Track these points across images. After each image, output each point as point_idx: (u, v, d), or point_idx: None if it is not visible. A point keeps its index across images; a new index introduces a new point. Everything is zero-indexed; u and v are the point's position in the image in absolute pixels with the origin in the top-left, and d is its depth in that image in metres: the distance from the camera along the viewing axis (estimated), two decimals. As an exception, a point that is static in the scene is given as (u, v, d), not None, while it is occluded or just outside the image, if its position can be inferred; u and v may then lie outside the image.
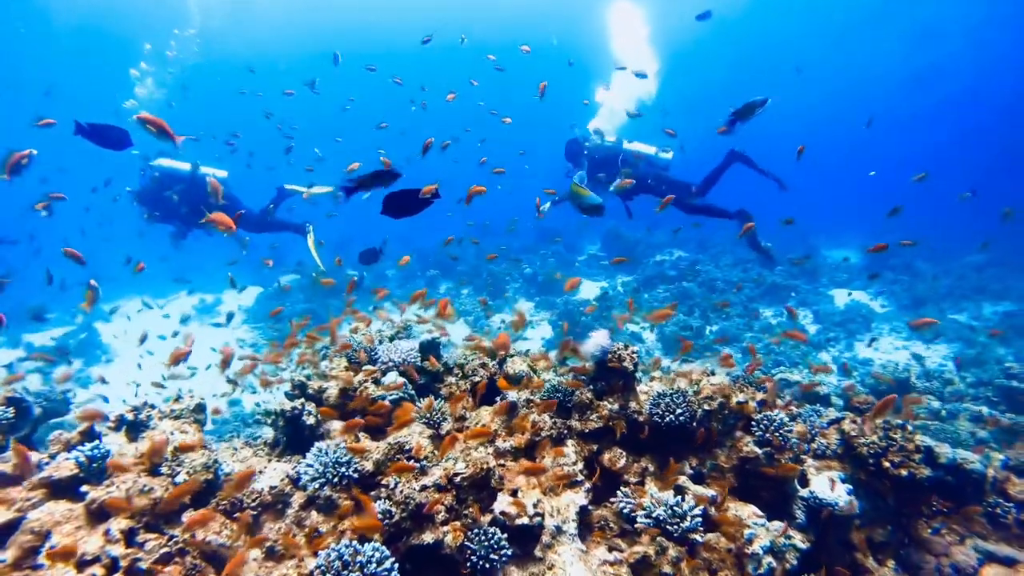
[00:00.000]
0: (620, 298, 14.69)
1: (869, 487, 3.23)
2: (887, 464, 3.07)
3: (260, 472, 3.16)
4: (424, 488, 2.62)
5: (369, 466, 2.99)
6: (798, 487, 3.18)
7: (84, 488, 2.69)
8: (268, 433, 4.70)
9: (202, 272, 18.05)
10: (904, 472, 3.00)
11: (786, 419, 3.17)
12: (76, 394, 9.90)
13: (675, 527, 2.72)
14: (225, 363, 4.25)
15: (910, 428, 3.21)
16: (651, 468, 3.34)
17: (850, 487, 3.12)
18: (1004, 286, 13.84)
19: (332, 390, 4.02)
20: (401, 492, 2.58)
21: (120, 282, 16.76)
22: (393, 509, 2.54)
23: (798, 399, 5.48)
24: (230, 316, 8.99)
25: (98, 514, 2.63)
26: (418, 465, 2.76)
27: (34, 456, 3.09)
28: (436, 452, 2.91)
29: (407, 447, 2.92)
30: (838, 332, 12.39)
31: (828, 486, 3.10)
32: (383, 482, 2.73)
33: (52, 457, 2.94)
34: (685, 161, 7.72)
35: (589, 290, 15.92)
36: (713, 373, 3.65)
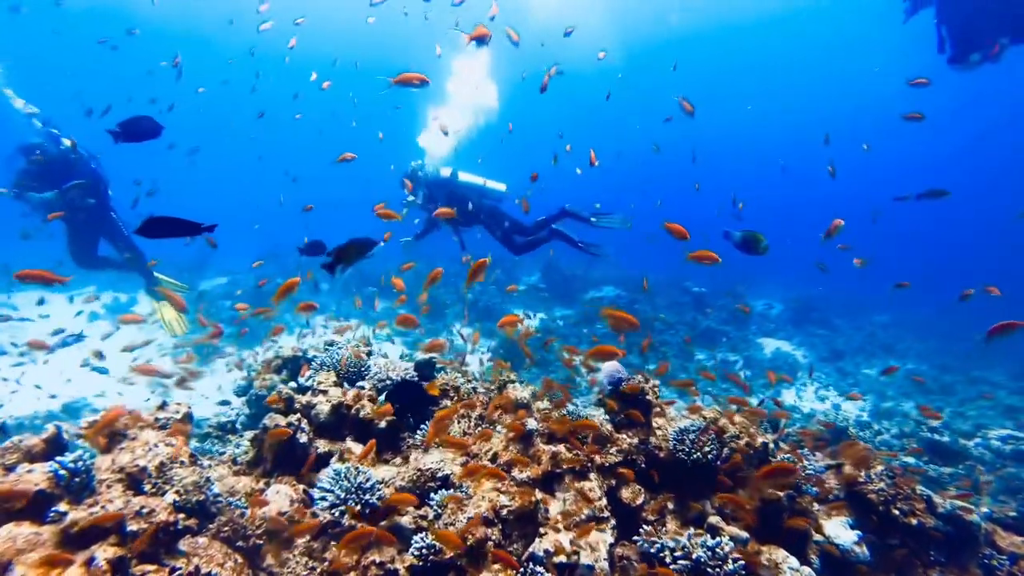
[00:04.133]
0: (560, 330, 14.83)
1: (873, 533, 3.33)
2: (896, 512, 3.19)
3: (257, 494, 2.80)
4: (472, 520, 2.40)
5: (390, 493, 2.72)
6: (812, 531, 3.23)
7: (62, 507, 2.25)
8: (234, 449, 4.25)
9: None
10: (913, 521, 3.12)
11: (805, 463, 3.22)
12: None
13: (716, 571, 2.66)
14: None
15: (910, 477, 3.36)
16: (670, 506, 3.28)
17: (860, 533, 3.20)
18: (906, 346, 15.22)
19: (323, 406, 3.68)
20: (449, 527, 2.36)
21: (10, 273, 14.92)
22: (439, 544, 2.30)
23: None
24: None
25: (77, 539, 2.21)
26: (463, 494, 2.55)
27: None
28: (471, 482, 2.70)
29: (440, 475, 2.69)
30: (766, 379, 13.07)
31: (840, 531, 3.17)
32: (423, 513, 2.49)
33: (8, 469, 2.45)
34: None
35: (528, 321, 15.93)
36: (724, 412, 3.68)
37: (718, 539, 2.77)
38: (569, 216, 7.27)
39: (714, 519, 2.97)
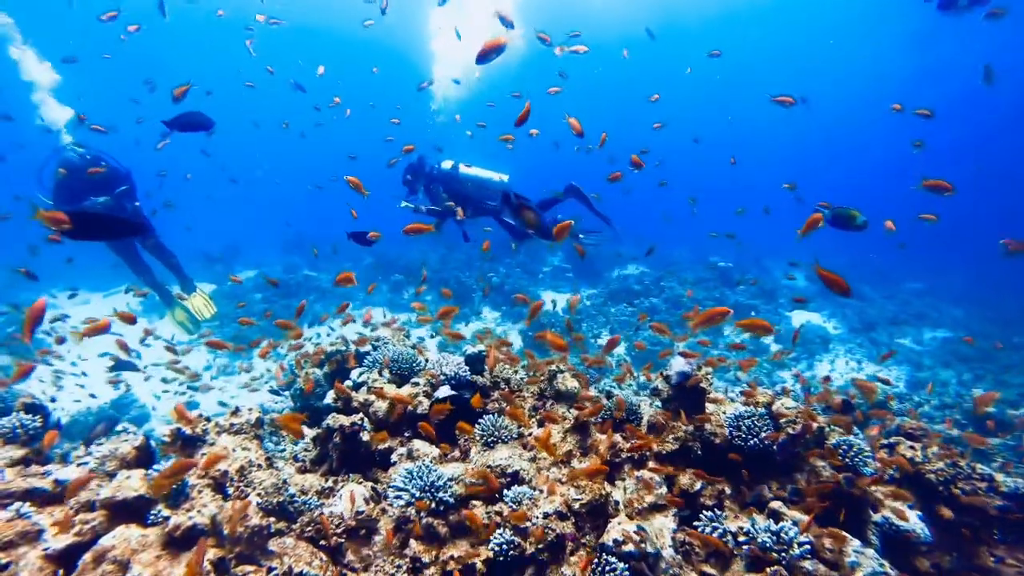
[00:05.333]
0: (588, 311, 14.90)
1: (932, 513, 3.36)
2: (957, 491, 3.21)
3: (335, 494, 2.93)
4: (546, 516, 2.49)
5: (461, 490, 2.82)
6: (872, 512, 3.26)
7: (164, 512, 2.39)
8: (291, 446, 4.40)
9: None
10: (976, 501, 3.14)
11: (863, 445, 3.24)
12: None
13: (782, 554, 2.72)
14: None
15: (969, 455, 3.37)
16: (727, 491, 3.33)
17: (920, 514, 3.22)
18: (940, 314, 14.95)
19: (380, 404, 3.79)
20: (532, 522, 2.44)
21: (52, 272, 15.37)
22: (518, 539, 2.39)
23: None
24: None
25: (180, 541, 2.34)
26: (533, 491, 2.63)
27: (72, 472, 2.74)
28: (538, 476, 2.78)
29: (510, 471, 2.77)
30: (798, 351, 13.00)
31: (900, 511, 3.19)
32: (498, 509, 2.58)
33: (111, 476, 2.60)
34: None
35: (555, 301, 16.05)
36: (780, 394, 3.71)
37: (782, 524, 2.82)
38: (575, 196, 7.23)
39: (776, 504, 3.02)
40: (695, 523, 3.14)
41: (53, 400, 9.03)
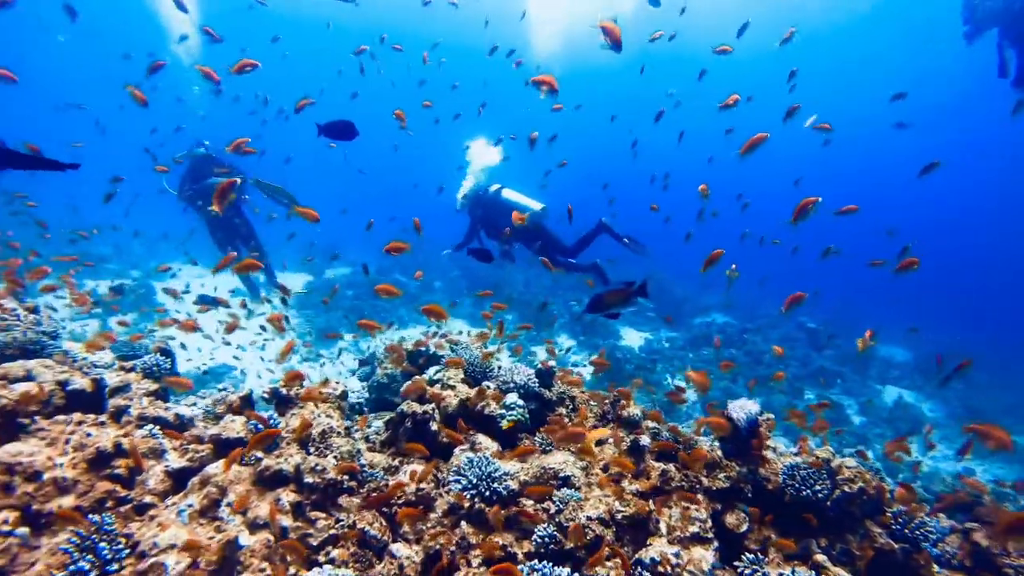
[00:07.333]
0: (666, 352, 14.70)
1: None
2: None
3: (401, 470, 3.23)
4: (590, 519, 2.66)
5: (514, 485, 3.03)
6: (930, 590, 3.14)
7: (258, 454, 2.78)
8: (365, 429, 4.78)
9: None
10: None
11: (927, 519, 3.15)
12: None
13: (821, 607, 2.70)
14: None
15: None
16: (773, 538, 3.33)
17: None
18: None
19: (451, 400, 4.08)
20: (569, 522, 2.63)
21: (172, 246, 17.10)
22: (559, 535, 2.58)
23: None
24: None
25: (268, 481, 2.72)
26: (578, 495, 2.81)
27: (187, 409, 3.21)
28: (590, 485, 2.95)
29: (562, 475, 2.97)
30: (880, 429, 12.15)
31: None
32: (545, 506, 2.78)
33: (218, 418, 3.04)
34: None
35: (633, 339, 15.94)
36: (842, 455, 3.65)
37: (825, 578, 2.81)
38: (606, 231, 7.33)
39: (820, 557, 2.99)
40: (736, 563, 3.16)
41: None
